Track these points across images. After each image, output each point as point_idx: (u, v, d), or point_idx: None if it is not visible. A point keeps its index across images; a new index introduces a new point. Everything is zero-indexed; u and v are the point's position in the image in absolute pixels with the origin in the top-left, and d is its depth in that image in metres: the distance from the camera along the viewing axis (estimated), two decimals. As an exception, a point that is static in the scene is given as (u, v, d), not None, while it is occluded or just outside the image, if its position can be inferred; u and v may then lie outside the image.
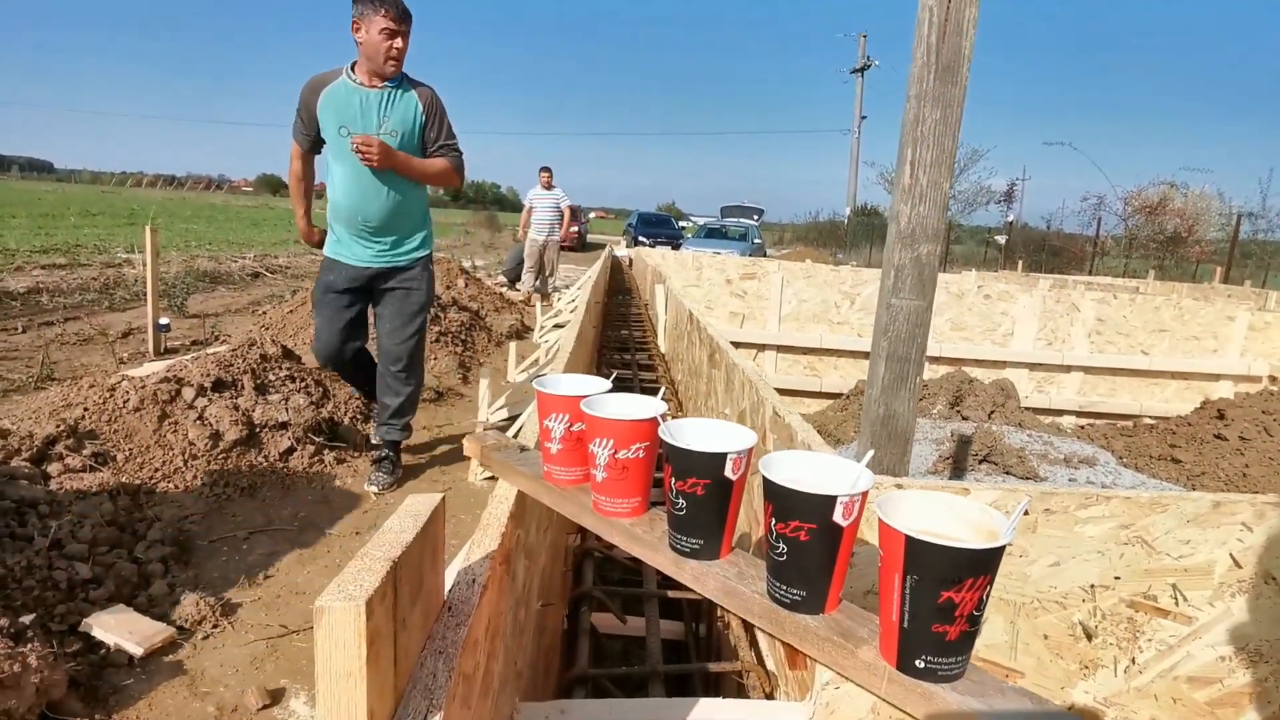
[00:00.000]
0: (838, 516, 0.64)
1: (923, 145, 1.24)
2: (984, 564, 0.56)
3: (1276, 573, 1.03)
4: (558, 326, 6.55)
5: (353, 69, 2.77)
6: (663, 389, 0.96)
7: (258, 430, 3.18)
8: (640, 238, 20.92)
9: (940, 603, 0.56)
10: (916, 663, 0.59)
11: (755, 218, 22.90)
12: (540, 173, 8.83)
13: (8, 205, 22.18)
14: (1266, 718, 1.08)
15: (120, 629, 1.97)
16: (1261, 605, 1.04)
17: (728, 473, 0.74)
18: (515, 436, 1.37)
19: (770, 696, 1.23)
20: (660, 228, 23.16)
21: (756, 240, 19.07)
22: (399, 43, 2.69)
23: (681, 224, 28.91)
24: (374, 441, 3.22)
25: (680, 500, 0.77)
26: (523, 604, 1.14)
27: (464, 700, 0.66)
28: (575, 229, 20.46)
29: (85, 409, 2.99)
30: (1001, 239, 24.57)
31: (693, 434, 0.81)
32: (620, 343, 4.81)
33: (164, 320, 5.41)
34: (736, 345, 6.00)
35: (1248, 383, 5.93)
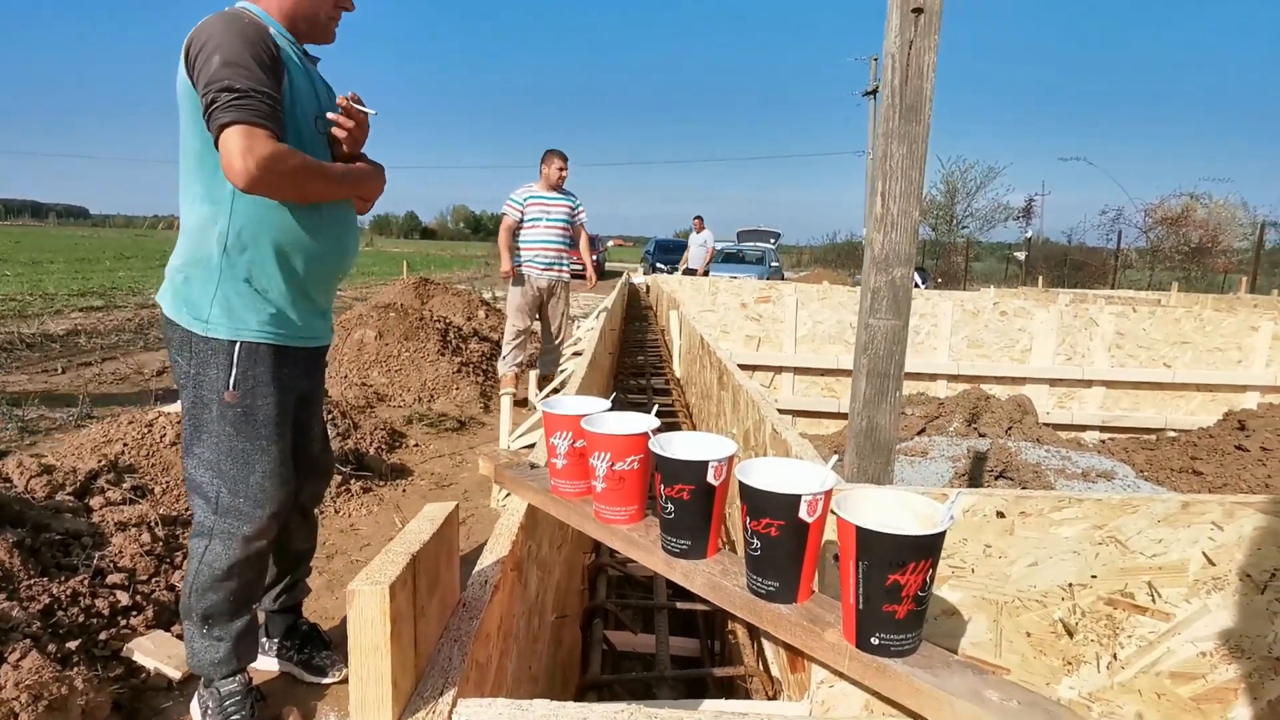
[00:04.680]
0: (803, 513, 0.72)
1: (892, 178, 1.34)
2: (925, 548, 0.63)
3: (1250, 569, 1.08)
4: (576, 355, 6.66)
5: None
6: (656, 405, 1.05)
7: (287, 461, 3.30)
8: (657, 264, 21.10)
9: (888, 585, 0.64)
10: (872, 640, 0.66)
11: (772, 241, 23.00)
12: (545, 161, 4.99)
13: (47, 251, 23.02)
14: (1256, 713, 1.12)
15: (159, 654, 2.07)
16: (1237, 601, 1.08)
17: (710, 479, 0.82)
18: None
19: (773, 699, 1.29)
20: (677, 254, 23.35)
21: (774, 263, 19.13)
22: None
23: (698, 250, 29.10)
24: (279, 605, 2.05)
25: (669, 505, 0.85)
26: (536, 613, 1.22)
27: (477, 685, 0.74)
28: (594, 258, 20.45)
29: (125, 444, 3.14)
30: (1021, 255, 24.47)
31: (680, 446, 0.90)
32: (636, 368, 4.90)
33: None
34: (753, 369, 6.09)
35: (1275, 393, 5.85)
